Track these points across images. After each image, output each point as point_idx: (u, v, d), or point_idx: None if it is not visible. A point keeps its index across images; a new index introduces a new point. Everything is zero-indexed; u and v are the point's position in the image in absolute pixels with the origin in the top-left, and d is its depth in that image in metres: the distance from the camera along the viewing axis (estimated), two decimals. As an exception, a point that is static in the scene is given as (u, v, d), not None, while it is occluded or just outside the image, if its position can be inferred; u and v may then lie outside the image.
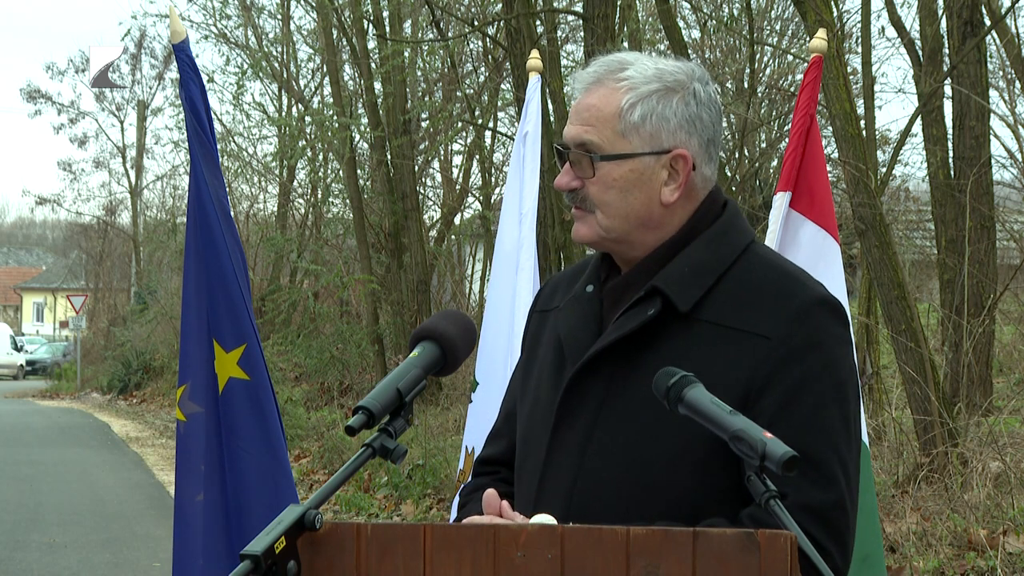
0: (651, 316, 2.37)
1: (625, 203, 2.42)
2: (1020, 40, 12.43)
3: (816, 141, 4.31)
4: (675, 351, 2.36)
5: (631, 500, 2.33)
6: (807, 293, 2.38)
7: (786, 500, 2.22)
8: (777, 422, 2.28)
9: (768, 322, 2.34)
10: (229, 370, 4.07)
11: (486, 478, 2.63)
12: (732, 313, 2.37)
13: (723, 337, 2.35)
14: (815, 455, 2.29)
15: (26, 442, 21.67)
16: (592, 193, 2.42)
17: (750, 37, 13.48)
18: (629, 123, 2.40)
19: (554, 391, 2.47)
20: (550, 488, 2.42)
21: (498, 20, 14.94)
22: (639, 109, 2.40)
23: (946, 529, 8.03)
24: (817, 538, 2.25)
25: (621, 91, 2.41)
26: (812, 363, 2.33)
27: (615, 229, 2.43)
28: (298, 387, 21.99)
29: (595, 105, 2.42)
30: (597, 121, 2.41)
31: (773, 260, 2.47)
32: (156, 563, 10.66)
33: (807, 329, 2.34)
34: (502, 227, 5.36)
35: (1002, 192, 15.62)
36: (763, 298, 2.37)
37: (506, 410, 2.68)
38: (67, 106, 46.64)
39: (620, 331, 2.39)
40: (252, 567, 1.96)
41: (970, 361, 10.02)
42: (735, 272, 2.41)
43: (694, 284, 2.39)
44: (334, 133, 20.79)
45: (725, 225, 2.46)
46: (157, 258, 35.49)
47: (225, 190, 4.29)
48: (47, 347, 52.48)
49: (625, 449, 2.36)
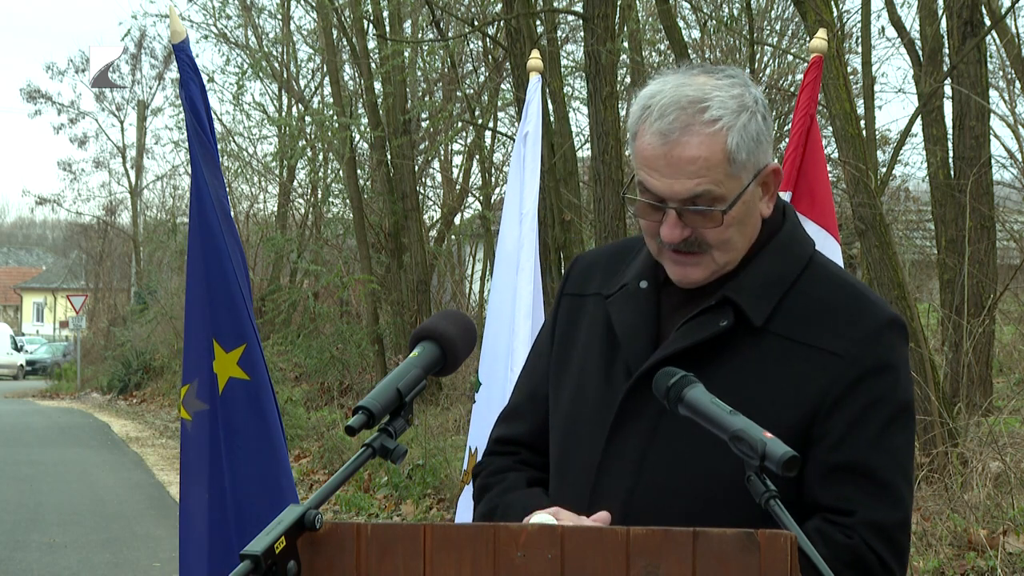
0: (724, 328, 2.36)
1: (742, 235, 2.39)
2: (1020, 40, 12.44)
3: (816, 141, 4.31)
4: (744, 364, 2.35)
5: (691, 513, 2.30)
6: (880, 313, 2.38)
7: (853, 517, 2.26)
8: (846, 441, 2.30)
9: (840, 340, 2.34)
10: (229, 370, 4.07)
11: (507, 458, 2.59)
12: (802, 328, 2.36)
13: (793, 352, 2.35)
14: (883, 475, 2.31)
15: (26, 442, 21.67)
16: (710, 237, 2.36)
17: (750, 37, 13.48)
18: (738, 162, 2.35)
19: (607, 389, 2.44)
20: (607, 490, 2.39)
21: (498, 20, 14.94)
22: (743, 147, 2.35)
23: (946, 529, 8.03)
24: (882, 556, 2.28)
25: (721, 134, 2.33)
26: (883, 384, 2.34)
27: (733, 261, 2.40)
28: (298, 387, 21.99)
29: (700, 156, 2.32)
30: (708, 171, 2.33)
31: (838, 273, 2.47)
32: (156, 563, 10.66)
33: (879, 350, 2.35)
34: (503, 227, 5.36)
35: (1002, 192, 15.63)
36: (834, 314, 2.37)
37: (530, 390, 2.61)
38: (67, 106, 46.70)
39: (689, 339, 2.37)
40: (252, 567, 1.96)
41: (970, 361, 10.01)
42: (802, 285, 2.40)
43: (765, 296, 2.38)
44: (334, 133, 20.79)
45: (790, 234, 2.46)
46: (157, 258, 35.48)
47: (225, 190, 4.29)
48: (47, 347, 52.48)
49: (687, 462, 2.34)
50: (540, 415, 2.57)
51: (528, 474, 2.55)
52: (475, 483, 2.61)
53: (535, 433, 2.57)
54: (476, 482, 2.61)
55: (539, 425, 2.57)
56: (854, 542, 2.26)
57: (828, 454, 2.29)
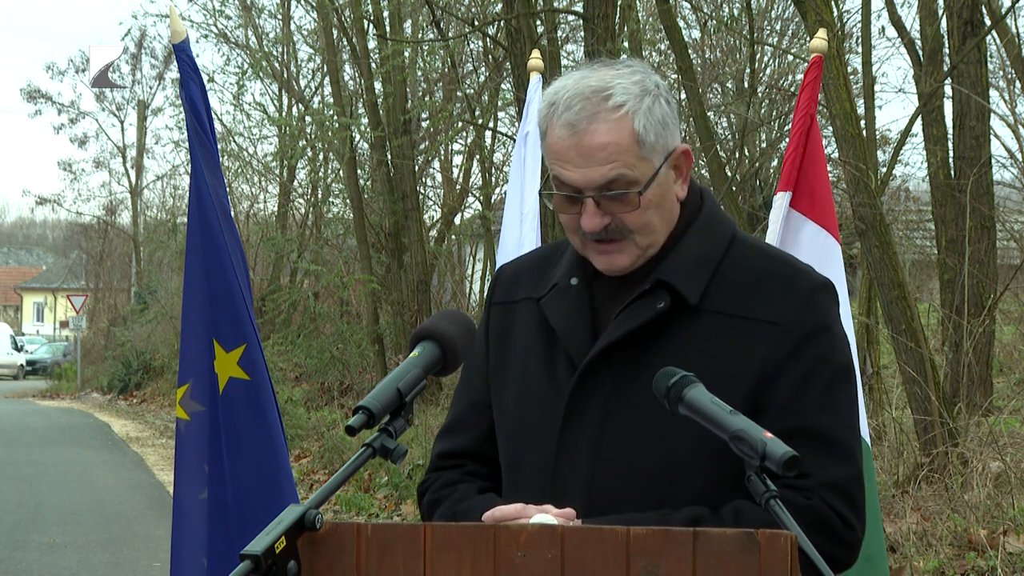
0: (662, 309, 2.40)
1: (661, 217, 2.45)
2: (1020, 40, 12.43)
3: (816, 141, 4.31)
4: (685, 343, 2.39)
5: (653, 491, 2.35)
6: (809, 278, 2.45)
7: (810, 479, 2.30)
8: (792, 404, 2.36)
9: (775, 308, 2.40)
10: (229, 370, 4.07)
11: (453, 472, 2.59)
12: (736, 302, 2.41)
13: (732, 326, 2.40)
14: (832, 433, 2.37)
15: (26, 442, 21.67)
16: (630, 221, 2.41)
17: (750, 37, 13.48)
18: (647, 145, 2.40)
19: (552, 385, 2.47)
20: (565, 483, 2.41)
21: (498, 20, 14.94)
22: (650, 130, 2.41)
23: (946, 529, 8.03)
24: (842, 512, 2.34)
25: (627, 118, 2.39)
26: (823, 345, 2.40)
27: (655, 244, 2.45)
28: (298, 387, 21.99)
29: (610, 142, 2.38)
30: (619, 156, 2.39)
31: (763, 247, 2.55)
32: (156, 563, 10.66)
33: (816, 313, 2.41)
34: (504, 227, 5.37)
35: (1002, 192, 15.63)
36: (765, 285, 2.43)
37: (468, 402, 2.62)
38: (67, 106, 46.70)
39: (629, 324, 2.41)
40: (252, 567, 1.96)
41: (970, 361, 10.01)
42: (730, 260, 2.46)
43: (696, 276, 2.43)
44: (334, 133, 20.79)
45: (710, 215, 2.51)
46: (157, 258, 35.48)
47: (225, 190, 4.28)
48: (47, 347, 52.48)
49: (643, 441, 2.38)
50: (482, 425, 2.59)
51: (477, 484, 2.56)
52: (422, 501, 2.61)
53: (479, 443, 2.59)
54: (424, 499, 2.60)
55: (482, 435, 2.59)
56: (814, 502, 2.32)
57: (777, 420, 2.31)
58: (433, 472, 2.62)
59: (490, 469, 2.57)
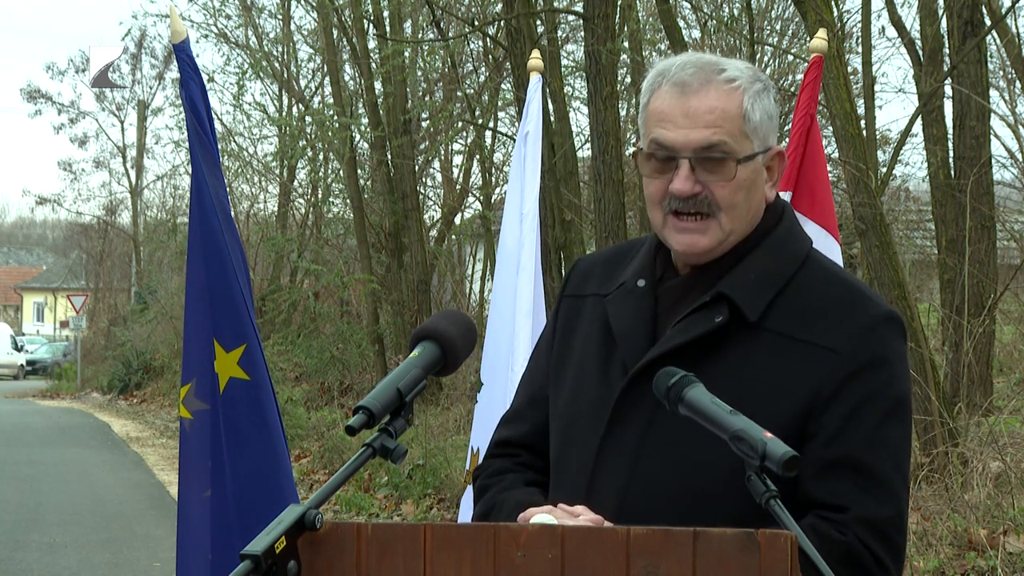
0: (719, 324, 2.35)
1: (749, 204, 2.40)
2: (1020, 40, 12.44)
3: (816, 141, 4.31)
4: (740, 359, 2.35)
5: (685, 507, 2.30)
6: (874, 308, 2.38)
7: (847, 513, 2.25)
8: (841, 436, 2.29)
9: (835, 335, 2.33)
10: (229, 370, 4.07)
11: (507, 460, 2.59)
12: (797, 324, 2.35)
13: (788, 348, 2.34)
14: (877, 470, 2.30)
15: (26, 442, 21.67)
16: (720, 196, 2.36)
17: (750, 37, 13.48)
18: (752, 124, 2.38)
19: (604, 387, 2.44)
20: (602, 487, 2.39)
21: (498, 20, 14.94)
22: (758, 110, 2.39)
23: (946, 529, 8.03)
24: (876, 553, 2.27)
25: (738, 92, 2.38)
26: (878, 379, 2.33)
27: (737, 231, 2.40)
28: (298, 387, 21.98)
29: (718, 107, 2.36)
30: (724, 123, 2.36)
31: (834, 270, 2.47)
32: (156, 563, 10.66)
33: (874, 345, 2.34)
34: (504, 227, 5.37)
35: (1002, 192, 15.63)
36: (829, 310, 2.36)
37: (531, 394, 2.61)
38: (67, 106, 46.67)
39: (685, 336, 2.36)
40: (252, 567, 1.96)
41: (970, 361, 10.01)
42: (798, 281, 2.40)
43: (760, 293, 2.37)
44: (334, 133, 20.79)
45: (786, 232, 2.46)
46: (157, 258, 35.46)
47: (225, 190, 4.28)
48: (47, 347, 52.47)
49: (681, 457, 2.34)
50: (540, 417, 2.57)
51: (527, 475, 2.55)
52: (475, 485, 2.62)
53: (535, 435, 2.58)
54: (476, 484, 2.61)
55: (539, 427, 2.57)
56: (848, 538, 2.25)
57: (822, 449, 2.28)
58: (489, 459, 2.62)
59: (543, 462, 2.56)
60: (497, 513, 2.47)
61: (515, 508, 2.40)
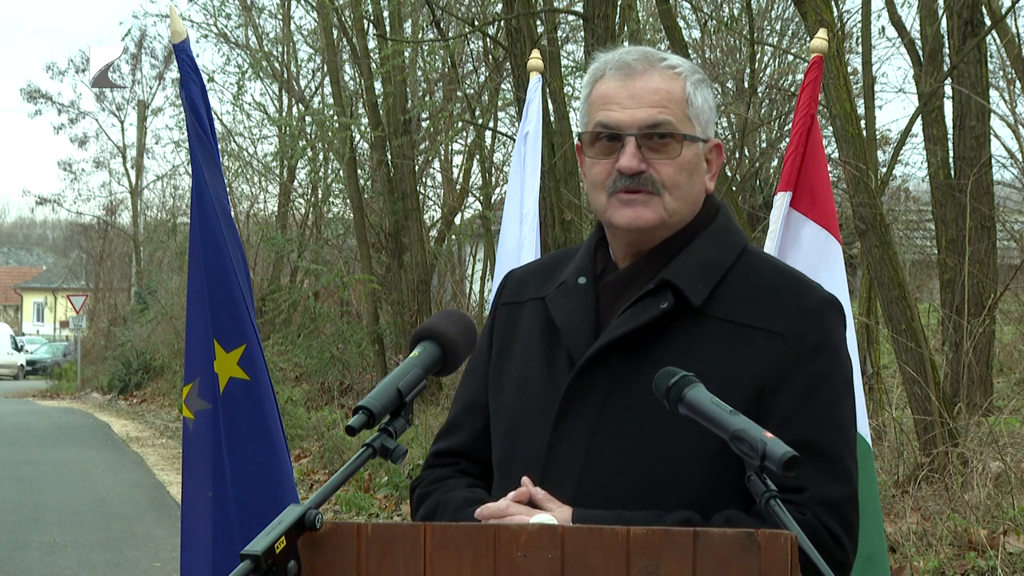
0: (665, 309, 2.39)
1: (691, 186, 2.46)
2: (1020, 40, 12.43)
3: (817, 141, 4.30)
4: (687, 346, 2.38)
5: (643, 491, 2.34)
6: (818, 294, 2.45)
7: (804, 494, 2.29)
8: (792, 419, 2.34)
9: (782, 320, 2.39)
10: (229, 370, 4.07)
11: (446, 468, 2.60)
12: (743, 310, 2.40)
13: (735, 334, 2.38)
14: (830, 451, 2.35)
15: (26, 442, 21.67)
16: (665, 175, 2.42)
17: (750, 37, 13.47)
18: (695, 109, 2.45)
19: (550, 382, 2.46)
20: (556, 477, 2.40)
21: (498, 20, 14.94)
22: (698, 96, 2.46)
23: (946, 529, 8.03)
24: (834, 531, 2.32)
25: (681, 77, 2.45)
26: (825, 361, 2.39)
27: (679, 212, 2.45)
28: (298, 387, 21.98)
29: (662, 88, 2.43)
30: (669, 104, 2.43)
31: (773, 261, 2.55)
32: (156, 563, 10.66)
33: (820, 329, 2.40)
34: (504, 227, 5.37)
35: (1002, 192, 15.65)
36: (774, 297, 2.41)
37: (466, 402, 2.63)
38: (67, 106, 46.71)
39: (632, 323, 2.40)
40: (252, 567, 1.97)
41: (970, 361, 10.01)
42: (739, 270, 2.45)
43: (703, 279, 2.42)
44: (334, 133, 20.79)
45: (724, 225, 2.51)
46: (157, 258, 35.47)
47: (225, 190, 4.28)
48: (47, 347, 52.47)
49: (635, 441, 2.37)
50: (478, 425, 2.60)
51: (467, 480, 2.57)
52: (413, 496, 2.62)
53: (474, 443, 2.60)
54: (415, 494, 2.61)
55: (477, 434, 2.60)
56: (807, 518, 2.29)
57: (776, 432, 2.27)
58: (426, 470, 2.64)
59: (481, 468, 2.59)
60: (442, 513, 2.49)
61: (462, 504, 2.43)
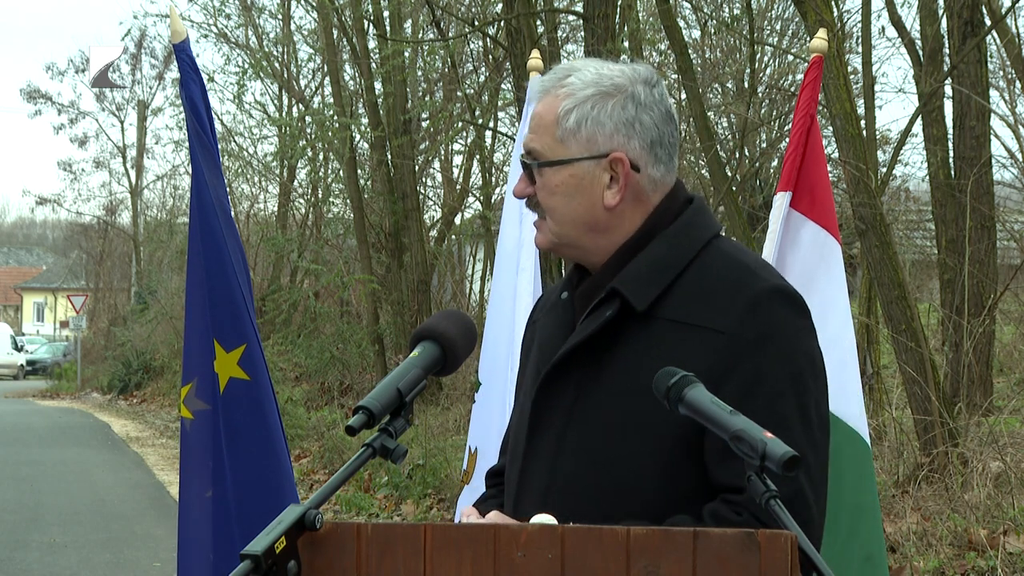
0: (609, 317, 2.39)
1: (569, 208, 2.44)
2: (1020, 40, 12.43)
3: (817, 141, 4.30)
4: (635, 351, 2.38)
5: (601, 501, 2.35)
6: (759, 284, 2.36)
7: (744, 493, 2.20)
8: None
9: (721, 316, 2.34)
10: (229, 370, 4.07)
11: (492, 489, 2.70)
12: (689, 309, 2.36)
13: (679, 334, 2.35)
14: None
15: (26, 442, 21.67)
16: (541, 200, 2.46)
17: (750, 37, 13.47)
18: (566, 129, 2.43)
19: (528, 398, 2.52)
20: (526, 493, 2.46)
21: (498, 20, 14.94)
22: (574, 115, 2.43)
23: (946, 529, 8.03)
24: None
25: (560, 98, 2.44)
26: (765, 355, 2.31)
27: (565, 235, 2.46)
28: (298, 387, 21.99)
29: (539, 113, 2.47)
30: (540, 129, 2.46)
31: (732, 254, 2.45)
32: (156, 563, 10.67)
33: (758, 321, 2.33)
34: (503, 227, 5.37)
35: (1002, 192, 15.64)
36: (717, 292, 2.36)
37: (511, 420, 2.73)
38: (67, 106, 46.68)
39: (582, 334, 2.42)
40: (252, 567, 1.96)
41: (970, 361, 10.01)
42: (694, 268, 2.41)
43: (651, 283, 2.39)
44: (334, 133, 20.78)
45: (685, 223, 2.46)
46: (157, 258, 35.48)
47: (226, 190, 4.28)
48: (47, 347, 52.47)
49: (593, 450, 2.38)
50: None
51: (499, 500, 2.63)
52: None
53: None
54: None
55: None
56: (743, 519, 2.24)
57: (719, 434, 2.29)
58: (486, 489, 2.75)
59: None
60: None
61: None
